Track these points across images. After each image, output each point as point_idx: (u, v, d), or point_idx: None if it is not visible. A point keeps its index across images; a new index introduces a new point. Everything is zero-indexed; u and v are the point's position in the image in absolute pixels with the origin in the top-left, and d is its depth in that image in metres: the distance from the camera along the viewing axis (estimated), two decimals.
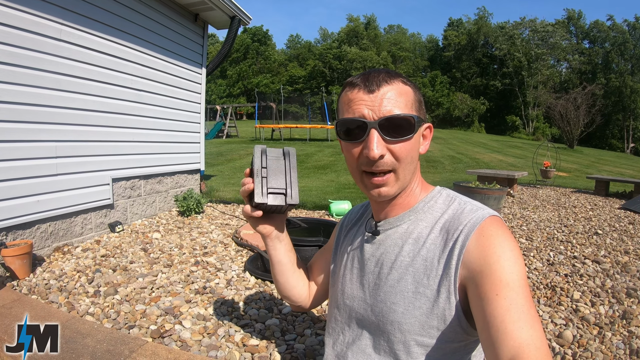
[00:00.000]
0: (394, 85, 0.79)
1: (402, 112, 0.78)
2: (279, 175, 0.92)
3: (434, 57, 61.41)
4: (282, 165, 0.93)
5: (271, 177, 0.91)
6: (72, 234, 3.29)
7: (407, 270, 0.83)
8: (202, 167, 5.28)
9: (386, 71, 0.82)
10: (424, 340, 0.80)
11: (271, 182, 0.91)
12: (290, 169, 0.93)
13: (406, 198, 0.89)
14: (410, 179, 0.86)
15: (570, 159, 15.69)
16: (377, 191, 0.83)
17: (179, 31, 4.55)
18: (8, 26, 2.63)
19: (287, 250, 1.07)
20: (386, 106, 0.78)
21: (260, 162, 0.91)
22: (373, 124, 0.77)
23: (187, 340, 1.90)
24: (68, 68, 3.11)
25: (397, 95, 0.79)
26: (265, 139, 19.62)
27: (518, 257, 0.73)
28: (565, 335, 1.95)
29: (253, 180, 0.90)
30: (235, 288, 2.56)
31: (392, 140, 0.79)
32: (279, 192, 0.91)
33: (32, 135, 2.88)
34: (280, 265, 1.07)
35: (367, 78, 0.80)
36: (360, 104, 0.79)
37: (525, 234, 3.87)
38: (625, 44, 43.88)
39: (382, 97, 0.78)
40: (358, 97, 0.80)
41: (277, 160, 0.93)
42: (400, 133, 0.78)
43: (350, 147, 0.83)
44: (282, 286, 1.11)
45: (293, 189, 0.92)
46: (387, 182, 0.81)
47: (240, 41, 58.73)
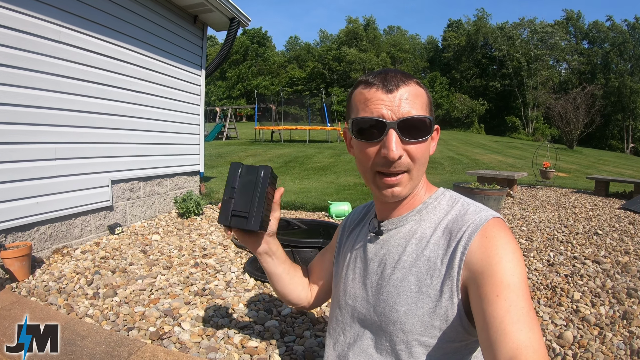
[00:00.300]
0: (410, 87, 0.80)
1: (419, 113, 0.79)
2: (246, 198, 0.90)
3: (433, 58, 61.57)
4: (252, 187, 0.91)
5: (238, 198, 0.90)
6: (71, 235, 3.28)
7: (410, 270, 0.83)
8: (201, 168, 5.27)
9: (401, 72, 0.82)
10: (426, 340, 0.80)
11: (237, 203, 0.90)
12: (259, 192, 0.91)
13: (411, 198, 0.89)
14: (421, 179, 0.87)
15: (570, 160, 15.70)
16: (390, 191, 0.83)
17: (178, 33, 4.55)
18: (6, 28, 2.62)
19: (280, 263, 1.08)
20: (404, 107, 0.78)
21: (231, 181, 0.90)
22: (392, 124, 0.77)
23: (186, 342, 1.89)
24: (67, 70, 3.11)
25: (414, 96, 0.79)
26: (265, 141, 19.63)
27: (519, 259, 0.74)
28: (565, 336, 1.95)
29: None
30: (234, 290, 2.55)
31: (409, 141, 0.79)
32: (243, 215, 0.90)
33: (32, 137, 2.88)
34: (275, 276, 1.09)
35: (384, 78, 0.80)
36: (378, 104, 0.79)
37: (525, 234, 3.87)
38: (624, 44, 43.93)
39: (400, 97, 0.78)
40: (376, 96, 0.79)
41: (249, 180, 0.91)
42: (418, 134, 0.79)
43: (365, 147, 0.82)
44: (280, 293, 1.13)
45: (256, 214, 0.90)
46: (400, 182, 0.81)
47: (239, 43, 58.90)
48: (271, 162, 11.79)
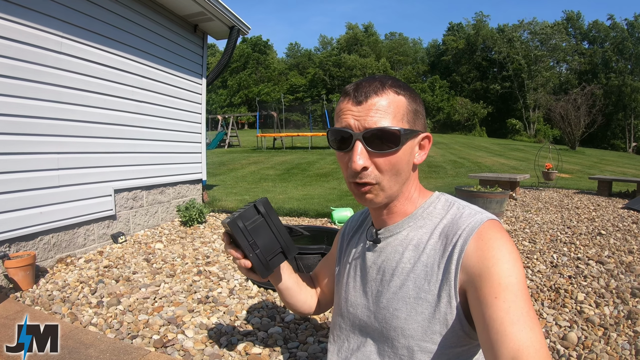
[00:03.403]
0: (383, 97, 0.78)
1: (389, 124, 0.77)
2: (267, 237, 0.89)
3: (433, 62, 61.65)
4: (265, 226, 0.89)
5: (262, 245, 0.88)
6: (75, 245, 3.30)
7: (409, 277, 0.84)
8: (204, 177, 5.29)
9: (380, 80, 0.81)
10: (427, 345, 0.80)
11: (265, 251, 0.89)
12: (274, 225, 0.90)
13: (404, 205, 0.89)
14: (400, 189, 0.85)
15: (572, 160, 15.65)
16: (363, 199, 0.83)
17: (178, 42, 4.59)
18: (9, 39, 2.66)
19: (290, 274, 1.07)
20: (372, 117, 0.77)
21: (244, 236, 0.87)
22: (358, 135, 0.77)
23: (189, 350, 1.89)
24: (69, 80, 3.14)
25: (386, 106, 0.78)
26: (267, 148, 19.68)
27: (516, 260, 0.73)
28: (569, 337, 1.94)
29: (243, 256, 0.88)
30: (237, 297, 2.55)
31: (376, 153, 0.78)
32: (277, 252, 0.90)
33: (34, 148, 2.90)
34: (289, 291, 1.07)
35: (357, 88, 0.79)
36: (347, 115, 0.79)
37: (529, 236, 3.86)
38: (623, 42, 43.94)
39: (369, 108, 0.77)
40: (347, 107, 0.80)
41: (255, 224, 0.89)
42: (385, 145, 0.77)
43: (340, 157, 0.84)
44: (291, 304, 1.11)
45: (288, 243, 0.90)
46: (371, 190, 0.81)
47: (240, 51, 59.21)
48: (273, 169, 11.82)
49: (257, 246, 0.87)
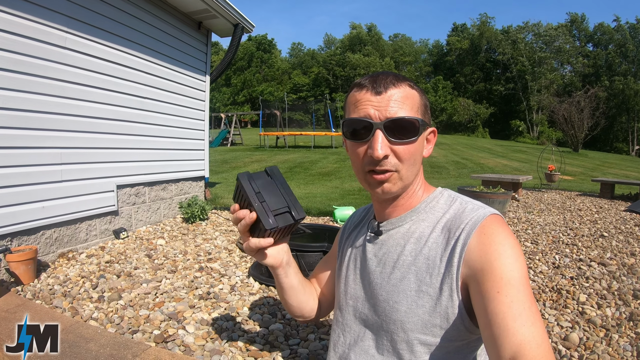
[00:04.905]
0: (400, 88, 0.81)
1: (408, 114, 0.80)
2: (275, 195, 0.88)
3: (437, 62, 61.54)
4: (273, 185, 0.89)
5: (269, 199, 0.87)
6: (76, 240, 3.30)
7: (410, 269, 0.84)
8: (206, 174, 5.29)
9: (394, 74, 0.83)
10: (427, 339, 0.80)
11: (272, 204, 0.87)
12: (282, 186, 0.90)
13: (408, 199, 0.90)
14: (413, 180, 0.87)
15: (575, 163, 15.62)
16: (380, 188, 0.84)
17: (182, 39, 4.59)
18: (14, 34, 2.66)
19: (296, 272, 1.03)
20: (392, 108, 0.79)
21: (252, 188, 0.87)
22: (379, 124, 0.79)
23: (190, 345, 1.89)
24: (73, 75, 3.15)
25: (403, 98, 0.80)
26: (270, 147, 19.68)
27: (519, 254, 0.74)
28: (571, 338, 1.93)
29: (251, 210, 0.86)
30: (239, 293, 2.55)
31: (396, 142, 0.80)
32: (284, 211, 0.87)
33: (38, 142, 2.91)
34: (293, 290, 1.04)
35: (375, 80, 0.82)
36: (367, 105, 0.80)
37: (531, 237, 3.85)
38: (625, 45, 43.78)
39: (388, 99, 0.79)
40: (365, 97, 0.81)
41: (265, 182, 0.89)
42: (405, 135, 0.80)
43: (355, 147, 0.84)
44: (296, 308, 1.08)
45: (295, 203, 0.89)
46: (389, 179, 0.82)
47: (244, 49, 59.24)
48: None
49: (263, 198, 0.87)
